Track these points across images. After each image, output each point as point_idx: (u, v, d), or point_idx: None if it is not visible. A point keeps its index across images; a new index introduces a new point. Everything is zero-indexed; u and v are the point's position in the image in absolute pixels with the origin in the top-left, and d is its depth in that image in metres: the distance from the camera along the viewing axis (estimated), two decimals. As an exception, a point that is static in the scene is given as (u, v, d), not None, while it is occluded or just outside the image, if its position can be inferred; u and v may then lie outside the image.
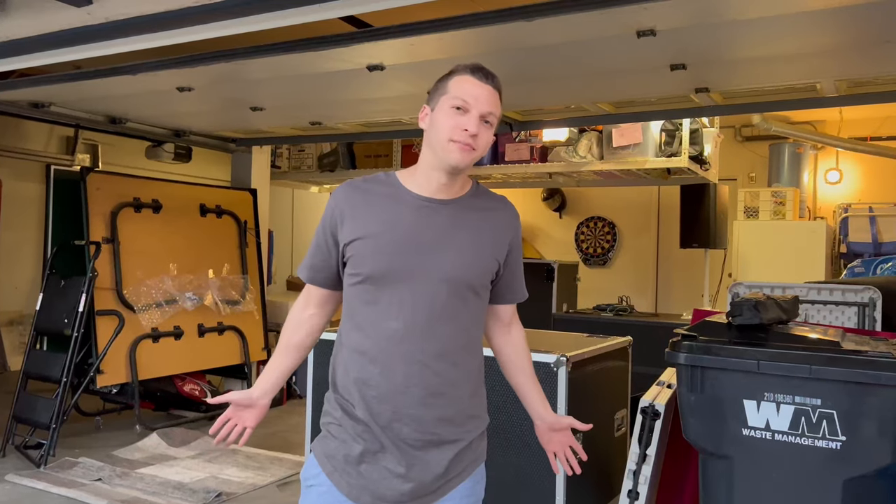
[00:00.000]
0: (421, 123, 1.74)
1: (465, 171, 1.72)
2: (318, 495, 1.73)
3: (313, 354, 3.76)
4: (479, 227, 1.73)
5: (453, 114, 1.65)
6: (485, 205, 1.77)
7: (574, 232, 9.34)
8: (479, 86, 1.67)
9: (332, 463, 1.73)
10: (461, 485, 1.73)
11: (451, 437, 1.70)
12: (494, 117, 1.69)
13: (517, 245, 1.82)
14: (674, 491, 2.90)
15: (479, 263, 1.71)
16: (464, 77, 1.68)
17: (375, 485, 1.68)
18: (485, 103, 1.66)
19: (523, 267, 1.88)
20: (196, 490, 4.06)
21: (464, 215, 1.72)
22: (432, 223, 1.69)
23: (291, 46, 3.38)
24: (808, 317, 3.62)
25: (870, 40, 3.20)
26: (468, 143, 1.64)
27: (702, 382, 2.26)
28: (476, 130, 1.64)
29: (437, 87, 1.72)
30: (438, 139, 1.66)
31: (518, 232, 1.83)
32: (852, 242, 7.14)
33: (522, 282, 1.88)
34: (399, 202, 1.71)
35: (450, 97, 1.66)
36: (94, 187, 5.13)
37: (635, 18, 2.94)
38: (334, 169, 7.40)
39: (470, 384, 1.73)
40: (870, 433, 2.05)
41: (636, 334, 3.95)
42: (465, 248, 1.69)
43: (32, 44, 3.32)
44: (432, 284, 1.65)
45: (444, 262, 1.66)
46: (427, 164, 1.71)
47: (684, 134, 5.68)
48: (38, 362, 4.80)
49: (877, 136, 7.70)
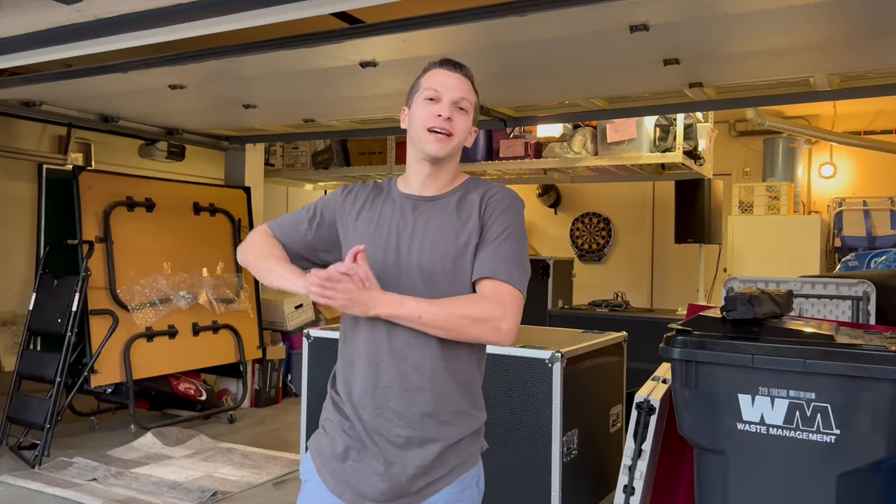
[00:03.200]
0: (402, 124, 1.79)
1: (447, 163, 1.73)
2: (309, 490, 1.77)
3: (308, 353, 3.74)
4: (454, 216, 1.71)
5: (427, 105, 1.71)
6: (469, 193, 1.75)
7: (569, 228, 9.34)
8: (448, 75, 1.72)
9: (322, 458, 1.75)
10: (445, 489, 1.68)
11: (435, 434, 1.67)
12: (468, 103, 1.73)
13: (493, 220, 1.69)
14: (669, 486, 2.90)
15: (450, 251, 1.67)
16: (433, 71, 1.75)
17: (358, 481, 1.68)
18: (455, 90, 1.71)
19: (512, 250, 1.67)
20: (191, 489, 4.05)
21: (442, 207, 1.73)
22: (410, 218, 1.72)
23: (283, 43, 3.36)
24: (802, 311, 3.62)
25: (862, 34, 3.20)
26: (444, 128, 1.68)
27: (696, 377, 2.26)
28: (449, 114, 1.69)
29: (412, 87, 1.78)
30: (416, 131, 1.72)
31: (496, 208, 1.70)
32: (846, 236, 7.15)
33: (496, 258, 1.65)
34: (388, 202, 1.77)
35: (422, 91, 1.73)
36: (87, 186, 5.11)
37: (628, 13, 2.93)
38: (328, 166, 7.38)
39: (455, 379, 1.69)
40: (864, 427, 2.05)
41: (631, 330, 3.95)
42: (436, 238, 1.69)
43: (22, 42, 3.29)
44: (408, 278, 1.67)
45: (416, 256, 1.68)
46: (412, 160, 1.77)
47: (678, 129, 5.68)
48: (32, 362, 4.79)
49: (870, 130, 7.72)
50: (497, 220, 1.69)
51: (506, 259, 1.65)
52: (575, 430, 3.18)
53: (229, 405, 5.97)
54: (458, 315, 1.59)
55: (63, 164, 6.93)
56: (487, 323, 1.59)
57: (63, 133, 6.90)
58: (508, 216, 1.71)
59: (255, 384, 6.27)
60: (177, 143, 6.33)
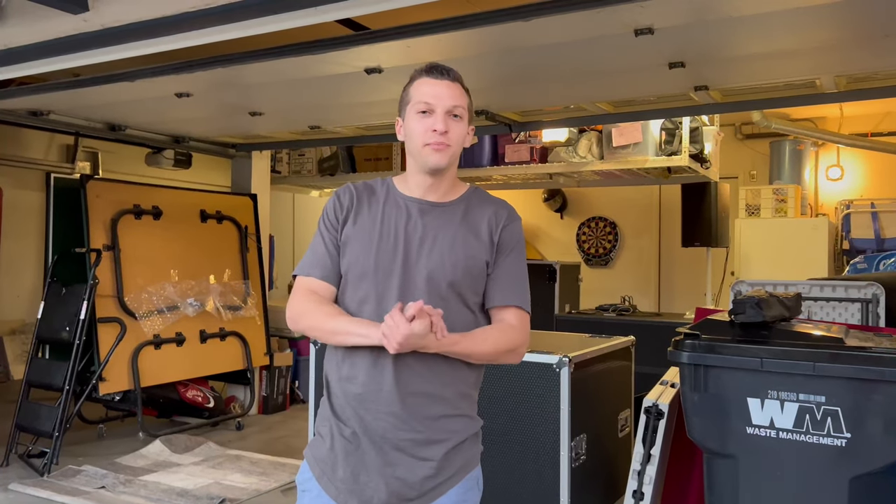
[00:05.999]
0: (399, 136, 1.78)
1: (448, 171, 1.74)
2: (310, 500, 1.75)
3: (314, 358, 3.75)
4: (464, 228, 1.72)
5: (420, 118, 1.70)
6: (475, 206, 1.77)
7: (575, 232, 9.33)
8: (437, 83, 1.71)
9: (321, 466, 1.74)
10: (451, 490, 1.69)
11: (438, 437, 1.67)
12: (462, 109, 1.72)
13: (508, 245, 1.75)
14: (679, 491, 2.88)
15: (461, 263, 1.69)
16: (421, 80, 1.73)
17: (361, 488, 1.67)
18: (447, 98, 1.69)
19: (525, 275, 1.78)
20: (200, 496, 4.05)
21: (450, 217, 1.73)
22: (418, 224, 1.72)
23: (289, 50, 3.38)
24: (811, 314, 3.61)
25: (869, 35, 3.19)
26: (440, 142, 1.68)
27: (705, 381, 2.25)
28: (445, 127, 1.68)
29: (402, 97, 1.76)
30: (414, 146, 1.71)
31: (510, 232, 1.76)
32: (855, 239, 7.12)
33: (515, 284, 1.74)
34: (389, 204, 1.75)
35: (413, 104, 1.72)
36: (94, 195, 5.13)
37: (633, 17, 2.93)
38: (334, 173, 7.40)
39: (456, 385, 1.69)
40: (875, 430, 2.03)
41: (639, 334, 3.94)
42: (447, 247, 1.69)
43: (29, 52, 3.31)
44: (412, 284, 1.67)
45: (424, 262, 1.68)
46: (412, 170, 1.77)
47: (684, 132, 5.67)
48: (41, 371, 4.80)
49: (877, 132, 7.69)
50: (514, 247, 1.76)
51: (522, 286, 1.77)
52: (583, 435, 3.17)
53: (237, 412, 5.97)
54: (501, 350, 1.71)
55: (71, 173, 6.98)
56: (516, 351, 1.74)
57: (70, 142, 6.96)
58: (521, 242, 1.80)
59: (263, 391, 6.27)
60: (183, 151, 6.36)
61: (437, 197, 1.75)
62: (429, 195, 1.75)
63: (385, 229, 1.71)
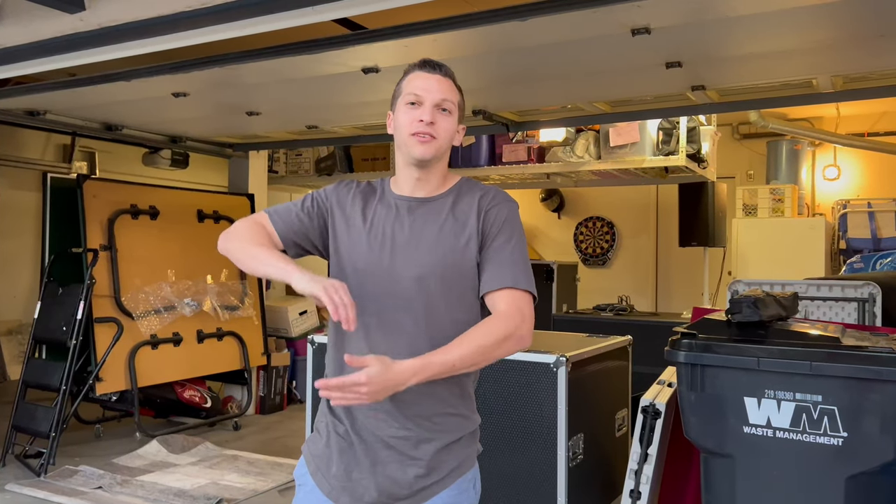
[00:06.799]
0: (389, 130, 1.78)
1: (436, 165, 1.73)
2: (304, 495, 1.76)
3: (312, 358, 3.74)
4: (451, 220, 1.70)
5: (409, 110, 1.70)
6: (463, 196, 1.74)
7: (573, 232, 9.33)
8: (428, 77, 1.71)
9: (316, 462, 1.75)
10: (443, 492, 1.67)
11: (430, 435, 1.66)
12: (451, 103, 1.71)
13: (495, 226, 1.69)
14: (676, 490, 2.89)
15: (448, 257, 1.67)
16: (413, 74, 1.73)
17: (353, 485, 1.68)
18: (436, 92, 1.69)
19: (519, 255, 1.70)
20: (197, 497, 4.04)
21: (438, 211, 1.72)
22: (405, 222, 1.71)
23: (285, 50, 3.37)
24: (807, 313, 3.61)
25: (864, 35, 3.19)
26: (426, 132, 1.67)
27: (702, 380, 2.25)
28: (431, 118, 1.67)
29: (394, 92, 1.76)
30: (401, 137, 1.71)
31: (496, 213, 1.70)
32: (851, 238, 7.13)
33: (504, 265, 1.66)
34: (381, 202, 1.76)
35: (404, 96, 1.72)
36: (91, 195, 5.13)
37: (629, 17, 2.93)
38: (332, 173, 7.39)
39: (449, 381, 1.65)
40: (872, 429, 2.04)
41: (636, 334, 3.94)
42: (432, 243, 1.68)
43: (25, 51, 3.30)
44: (402, 280, 1.66)
45: (411, 261, 1.67)
46: (400, 164, 1.76)
47: (681, 132, 5.68)
48: (37, 371, 4.79)
49: (874, 132, 7.70)
50: (501, 228, 1.69)
51: (517, 265, 1.67)
52: (580, 435, 3.17)
53: (234, 412, 5.96)
54: (486, 346, 1.58)
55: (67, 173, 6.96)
56: (511, 338, 1.61)
57: (67, 142, 6.93)
58: (510, 222, 1.72)
59: (260, 391, 6.27)
60: (180, 151, 6.35)
61: (426, 192, 1.74)
62: (417, 191, 1.74)
63: (374, 230, 1.71)
